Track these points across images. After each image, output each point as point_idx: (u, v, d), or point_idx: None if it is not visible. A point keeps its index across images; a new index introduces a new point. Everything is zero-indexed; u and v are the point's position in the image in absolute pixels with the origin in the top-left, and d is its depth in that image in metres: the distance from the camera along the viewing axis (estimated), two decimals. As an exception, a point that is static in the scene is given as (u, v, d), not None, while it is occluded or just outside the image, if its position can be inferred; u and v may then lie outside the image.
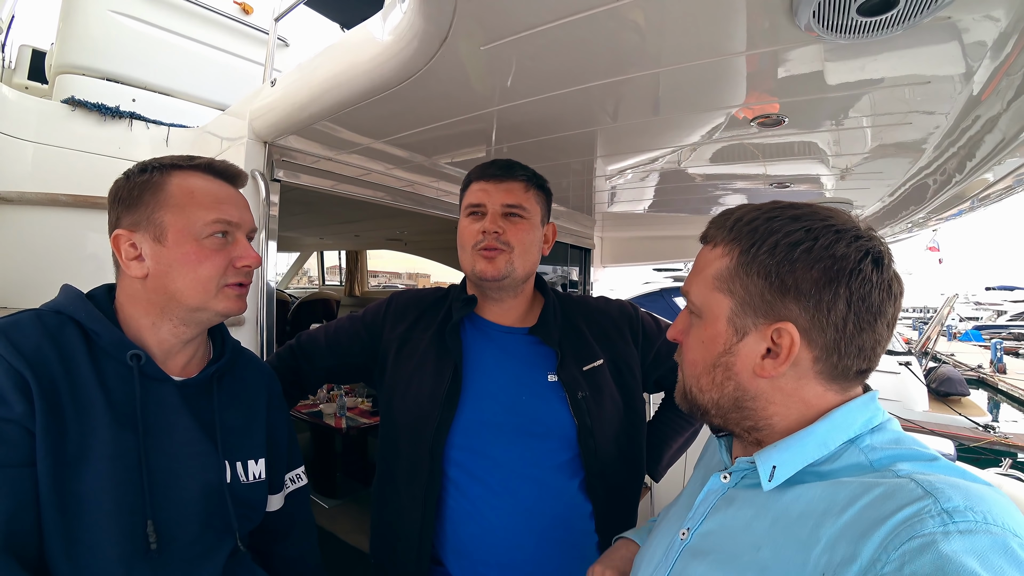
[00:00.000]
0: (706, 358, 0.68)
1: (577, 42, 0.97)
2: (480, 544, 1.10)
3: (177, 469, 0.84)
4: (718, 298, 0.67)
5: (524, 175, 1.18)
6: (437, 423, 1.11)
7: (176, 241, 0.85)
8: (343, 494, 4.05)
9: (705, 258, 0.71)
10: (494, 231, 1.13)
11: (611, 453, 1.15)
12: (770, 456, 0.64)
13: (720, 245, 0.68)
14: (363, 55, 1.10)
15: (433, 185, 2.18)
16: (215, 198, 0.88)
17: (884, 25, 0.87)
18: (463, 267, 1.20)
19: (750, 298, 0.64)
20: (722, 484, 0.71)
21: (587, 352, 1.20)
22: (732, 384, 0.67)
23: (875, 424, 0.63)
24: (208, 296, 0.86)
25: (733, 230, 0.67)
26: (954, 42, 0.94)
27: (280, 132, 1.50)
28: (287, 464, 1.10)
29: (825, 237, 0.61)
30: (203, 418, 0.90)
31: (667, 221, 3.47)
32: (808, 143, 1.62)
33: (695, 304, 0.70)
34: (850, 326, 0.60)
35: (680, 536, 0.71)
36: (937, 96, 1.18)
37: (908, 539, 0.47)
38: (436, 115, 1.37)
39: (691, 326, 0.72)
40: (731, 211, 0.69)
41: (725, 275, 0.66)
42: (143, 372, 0.84)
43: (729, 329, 0.66)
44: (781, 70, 1.08)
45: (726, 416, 0.69)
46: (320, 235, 5.28)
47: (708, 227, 0.72)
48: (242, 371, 1.01)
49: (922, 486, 0.51)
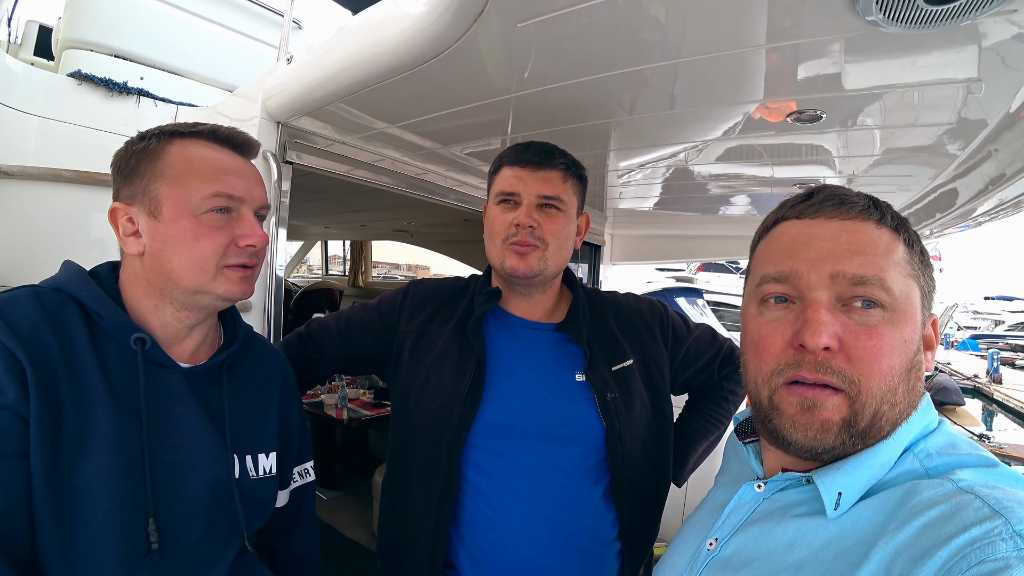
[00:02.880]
0: (905, 361, 0.56)
1: (610, 26, 0.91)
2: (500, 551, 1.04)
3: (182, 463, 0.78)
4: (913, 287, 0.58)
5: (563, 163, 1.10)
6: (457, 423, 1.05)
7: (172, 216, 0.78)
8: (343, 486, 4.03)
9: (876, 238, 0.58)
10: (529, 225, 1.05)
11: (639, 458, 1.10)
12: (834, 481, 0.56)
13: (886, 228, 0.59)
14: (389, 30, 1.04)
15: (447, 174, 2.12)
16: (217, 169, 0.80)
17: (949, 15, 0.82)
18: (491, 259, 1.13)
19: (927, 290, 0.60)
20: (755, 494, 0.65)
21: (617, 351, 1.14)
22: (920, 386, 0.58)
23: (930, 429, 0.59)
24: (206, 278, 0.79)
25: (888, 215, 0.60)
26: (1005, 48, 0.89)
27: (295, 112, 1.44)
28: (297, 457, 1.04)
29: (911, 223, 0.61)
30: (212, 408, 0.84)
31: (678, 220, 3.43)
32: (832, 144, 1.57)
33: (891, 292, 0.56)
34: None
35: (707, 546, 0.66)
36: (979, 103, 1.13)
37: (977, 563, 0.43)
38: (456, 99, 1.31)
39: (873, 325, 0.56)
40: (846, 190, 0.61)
41: (911, 260, 0.59)
42: (148, 358, 0.77)
43: (920, 323, 0.58)
44: (829, 62, 1.03)
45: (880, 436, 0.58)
46: (326, 224, 5.23)
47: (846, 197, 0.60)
48: (255, 358, 0.95)
49: (988, 504, 0.46)
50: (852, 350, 0.55)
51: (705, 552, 0.66)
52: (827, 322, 0.55)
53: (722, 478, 0.81)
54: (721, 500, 0.72)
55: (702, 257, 4.03)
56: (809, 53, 0.99)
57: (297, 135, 1.56)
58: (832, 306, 0.57)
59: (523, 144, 1.12)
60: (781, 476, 0.63)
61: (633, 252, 3.92)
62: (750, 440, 0.73)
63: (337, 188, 3.03)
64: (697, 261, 13.09)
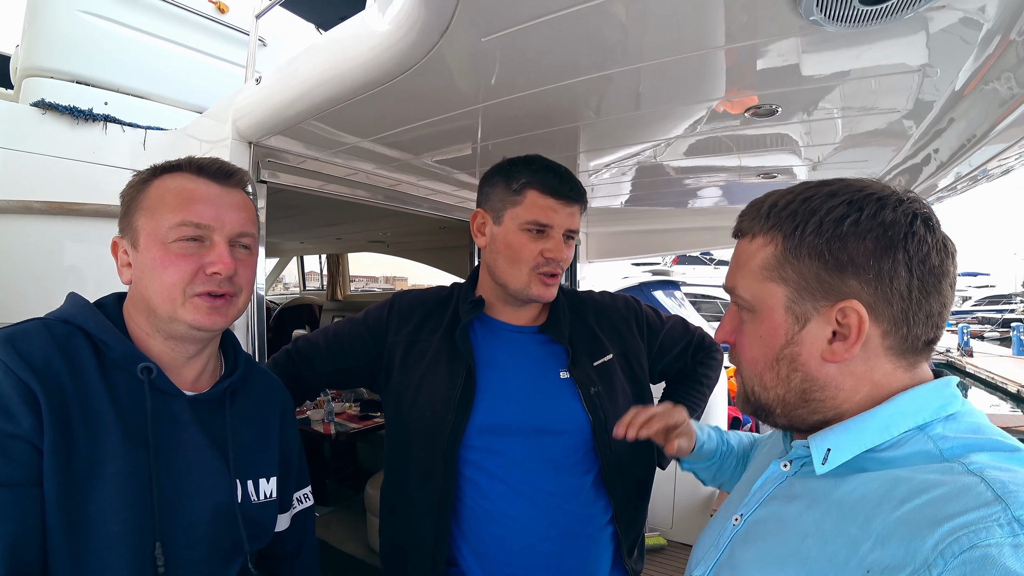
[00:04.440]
0: (767, 353, 0.64)
1: (574, 34, 0.95)
2: (501, 543, 1.09)
3: (187, 488, 0.80)
4: (770, 288, 0.63)
5: (585, 197, 1.15)
6: (452, 426, 1.09)
7: (145, 245, 0.80)
8: (334, 501, 4.00)
9: (745, 251, 0.67)
10: (560, 259, 1.11)
11: (625, 445, 1.15)
12: (825, 438, 0.61)
13: (759, 235, 0.65)
14: (358, 48, 1.07)
15: (420, 184, 2.15)
16: (185, 199, 0.81)
17: (883, 14, 0.88)
18: (509, 281, 1.14)
19: (806, 282, 0.61)
20: (781, 472, 0.69)
21: (597, 347, 1.20)
22: (799, 376, 0.63)
23: (950, 412, 0.58)
24: (175, 305, 0.79)
25: (770, 217, 0.64)
26: (943, 34, 0.95)
27: (266, 131, 1.45)
28: (296, 483, 1.06)
29: (869, 206, 0.58)
30: (215, 435, 0.86)
31: (651, 215, 3.50)
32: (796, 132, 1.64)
33: (745, 299, 0.67)
34: (915, 292, 0.57)
35: (733, 522, 0.70)
36: (924, 87, 1.19)
37: (970, 547, 0.43)
38: (425, 112, 1.34)
39: (742, 323, 0.68)
40: (760, 200, 0.67)
41: (773, 263, 0.63)
42: (154, 386, 0.80)
43: (788, 318, 0.62)
44: (778, 59, 1.08)
45: (792, 413, 0.65)
46: (301, 239, 5.20)
47: (740, 220, 0.69)
48: (255, 386, 0.97)
49: (993, 488, 0.46)
50: (734, 341, 0.71)
51: (730, 527, 0.70)
52: (725, 323, 0.73)
53: (757, 461, 0.85)
54: (750, 479, 0.76)
55: (677, 250, 4.10)
56: (760, 52, 1.04)
57: (269, 154, 1.57)
58: (735, 310, 0.71)
59: (553, 171, 1.12)
60: (795, 449, 0.67)
61: (608, 249, 3.98)
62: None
63: (311, 203, 3.03)
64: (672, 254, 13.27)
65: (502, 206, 1.14)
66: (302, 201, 2.96)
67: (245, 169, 0.93)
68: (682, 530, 3.52)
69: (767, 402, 0.66)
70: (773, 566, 0.59)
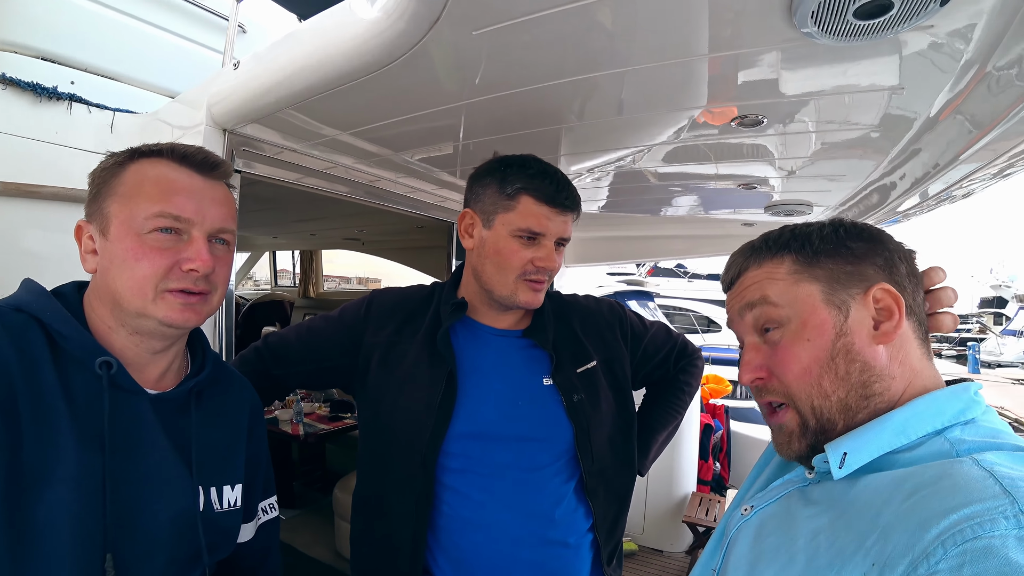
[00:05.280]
0: (820, 354, 0.62)
1: (568, 34, 0.93)
2: (481, 551, 1.06)
3: (145, 494, 0.75)
4: (805, 287, 0.64)
5: (579, 205, 1.13)
6: (431, 432, 1.06)
7: (117, 234, 0.75)
8: (302, 504, 3.91)
9: (757, 275, 0.68)
10: (551, 268, 1.09)
11: (607, 453, 1.15)
12: (841, 443, 0.60)
13: (767, 261, 0.68)
14: (342, 35, 1.03)
15: (399, 181, 2.10)
16: (166, 189, 0.77)
17: (876, 29, 0.89)
18: (495, 286, 1.11)
19: (835, 276, 0.64)
20: (805, 477, 0.67)
21: (581, 354, 1.18)
22: (858, 367, 0.61)
23: (969, 417, 0.58)
24: (145, 300, 0.75)
25: (770, 247, 0.68)
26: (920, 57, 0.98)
27: (242, 119, 1.40)
28: (263, 492, 1.01)
29: (838, 223, 0.67)
30: (178, 437, 0.80)
31: (629, 221, 3.52)
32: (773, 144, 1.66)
33: (780, 305, 0.65)
34: (910, 280, 0.64)
35: (742, 512, 0.70)
36: (902, 108, 1.22)
37: (973, 538, 0.42)
38: (408, 107, 1.31)
39: (775, 345, 0.65)
40: (747, 244, 0.71)
41: (800, 268, 0.65)
42: (114, 382, 0.74)
43: (831, 310, 0.63)
44: (768, 70, 1.09)
45: (852, 420, 0.62)
46: (274, 234, 5.08)
47: (734, 261, 0.72)
48: (224, 387, 0.92)
49: (1001, 483, 0.45)
50: (774, 368, 0.66)
51: (739, 516, 0.70)
52: (748, 360, 0.68)
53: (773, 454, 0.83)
54: (774, 469, 0.76)
55: (653, 257, 4.14)
56: (749, 62, 1.04)
57: (244, 143, 1.51)
58: (757, 343, 0.68)
59: (549, 177, 1.08)
60: (815, 460, 0.64)
61: (585, 255, 4.00)
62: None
63: (286, 196, 2.95)
64: (647, 264, 13.43)
65: (494, 209, 1.10)
66: (277, 194, 2.89)
67: (229, 163, 0.89)
68: (653, 535, 3.53)
69: (829, 414, 0.62)
70: (783, 559, 0.59)
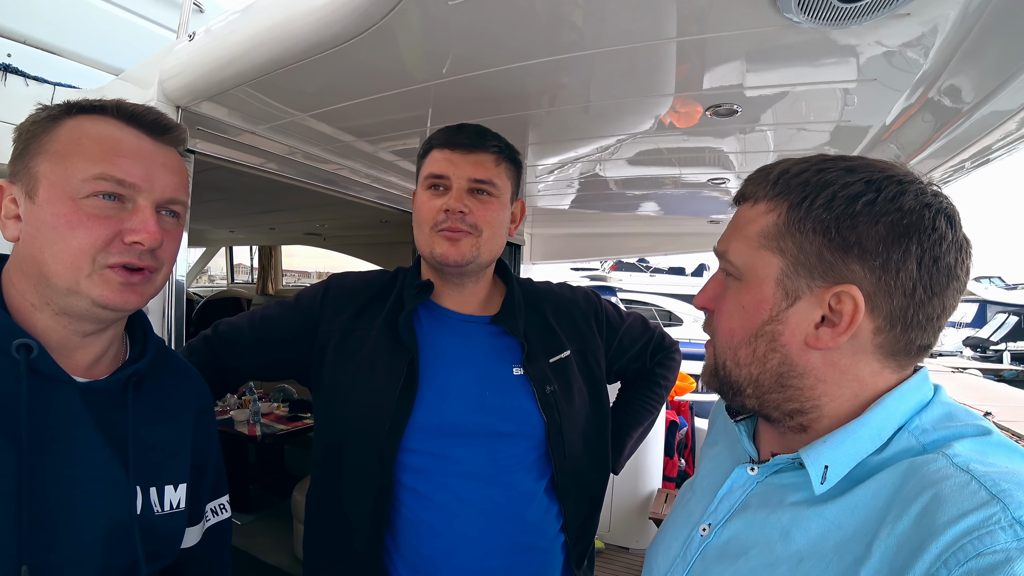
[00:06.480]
0: (747, 326, 0.60)
1: (538, 9, 0.89)
2: (445, 559, 0.99)
3: (72, 497, 0.66)
4: (765, 257, 0.59)
5: (496, 145, 1.06)
6: (390, 426, 0.98)
7: (47, 198, 0.65)
8: (259, 508, 3.75)
9: (745, 216, 0.62)
10: (459, 211, 1.00)
11: (580, 449, 1.09)
12: (820, 453, 0.56)
13: (763, 201, 0.60)
14: (308, 4, 0.96)
15: (363, 170, 2.03)
16: (108, 148, 0.67)
17: (858, 12, 0.88)
18: (420, 248, 1.07)
19: (805, 257, 0.56)
20: (749, 477, 0.64)
21: (554, 343, 1.12)
22: (777, 357, 0.58)
23: (925, 401, 0.56)
24: (79, 275, 0.65)
25: (778, 184, 0.59)
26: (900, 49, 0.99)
27: (197, 95, 1.30)
28: (211, 492, 0.92)
29: (888, 189, 0.53)
30: (112, 432, 0.71)
31: (596, 219, 3.54)
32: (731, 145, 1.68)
33: (735, 264, 0.62)
34: (920, 291, 0.53)
35: (700, 532, 0.65)
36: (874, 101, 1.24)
37: (976, 555, 0.41)
38: (374, 86, 1.24)
39: (727, 290, 0.63)
40: (771, 166, 0.62)
41: (773, 232, 0.58)
42: (34, 369, 0.64)
43: (778, 292, 0.58)
44: (745, 56, 1.07)
45: (764, 397, 0.60)
46: (231, 228, 4.87)
47: (745, 184, 0.64)
48: (168, 377, 0.83)
49: (986, 487, 0.44)
50: (714, 311, 0.66)
51: (699, 538, 0.65)
52: (707, 287, 0.67)
53: (713, 450, 0.79)
54: (713, 480, 0.71)
55: (619, 254, 4.19)
56: (728, 47, 1.03)
57: (199, 121, 1.41)
58: (721, 278, 0.66)
59: (454, 126, 1.07)
60: (772, 461, 0.62)
61: (552, 251, 4.00)
62: (741, 418, 0.71)
63: (244, 186, 2.82)
64: (612, 259, 13.64)
65: (417, 175, 1.10)
66: (234, 183, 2.75)
67: (184, 127, 0.80)
68: (620, 533, 3.54)
69: (738, 380, 0.62)
70: None
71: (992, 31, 0.89)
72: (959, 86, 1.09)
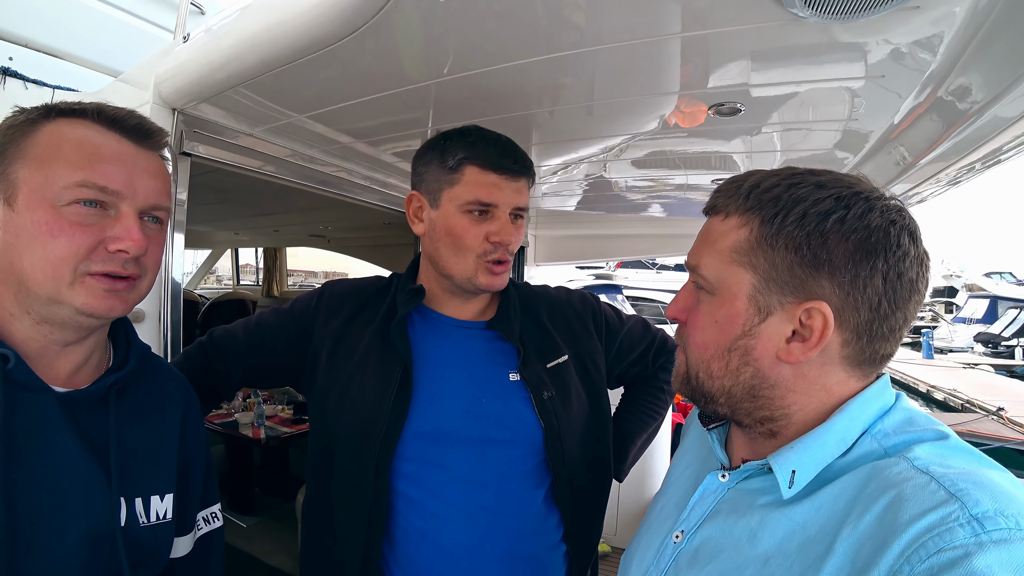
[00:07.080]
0: (720, 341, 0.61)
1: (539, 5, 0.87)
2: (438, 567, 0.97)
3: (50, 509, 0.64)
4: (737, 273, 0.60)
5: (531, 169, 1.04)
6: (384, 433, 0.96)
7: (27, 205, 0.64)
8: (262, 511, 3.75)
9: (716, 229, 0.63)
10: (508, 243, 0.99)
11: (579, 457, 1.06)
12: (787, 459, 0.58)
13: (734, 215, 0.61)
14: (299, 4, 0.94)
15: (365, 173, 2.01)
16: (89, 154, 0.66)
17: (865, 6, 0.85)
18: (453, 270, 1.02)
19: (776, 274, 0.57)
20: (720, 484, 0.65)
21: (551, 347, 1.09)
22: (750, 371, 0.60)
23: (887, 407, 0.59)
24: (60, 284, 0.64)
25: (750, 198, 0.59)
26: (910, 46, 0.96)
27: (193, 97, 1.29)
28: (201, 500, 0.90)
29: (857, 206, 0.55)
30: (94, 441, 0.70)
31: (599, 220, 3.52)
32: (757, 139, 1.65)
33: (707, 279, 0.63)
34: (884, 305, 0.55)
35: (673, 539, 0.66)
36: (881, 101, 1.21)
37: (936, 551, 0.42)
38: (371, 87, 1.22)
39: (699, 303, 0.65)
40: (741, 178, 0.62)
41: (745, 247, 0.59)
42: (10, 379, 0.63)
43: (750, 308, 0.59)
44: (749, 53, 1.05)
45: (736, 406, 0.62)
46: (235, 230, 4.89)
47: (715, 196, 0.64)
48: (152, 382, 0.81)
49: (944, 487, 0.46)
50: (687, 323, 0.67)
51: (672, 545, 0.66)
52: (678, 299, 0.68)
53: (686, 459, 0.80)
54: (685, 488, 0.72)
55: (622, 256, 4.17)
56: (732, 43, 1.00)
57: (196, 124, 1.40)
58: (692, 289, 0.66)
59: (492, 142, 1.01)
60: (743, 467, 0.64)
61: (556, 253, 3.98)
62: (714, 426, 0.72)
63: (245, 188, 2.81)
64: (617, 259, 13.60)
65: (438, 187, 1.01)
66: (234, 184, 2.74)
67: (166, 131, 0.79)
68: (626, 536, 3.51)
69: (711, 391, 0.63)
70: None
71: (1003, 27, 0.86)
72: (969, 85, 1.06)
